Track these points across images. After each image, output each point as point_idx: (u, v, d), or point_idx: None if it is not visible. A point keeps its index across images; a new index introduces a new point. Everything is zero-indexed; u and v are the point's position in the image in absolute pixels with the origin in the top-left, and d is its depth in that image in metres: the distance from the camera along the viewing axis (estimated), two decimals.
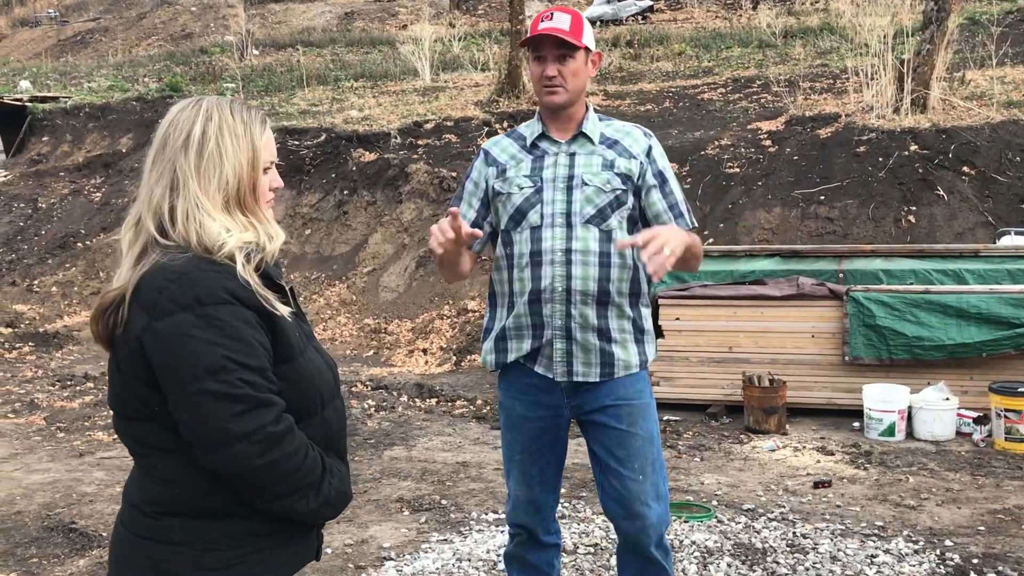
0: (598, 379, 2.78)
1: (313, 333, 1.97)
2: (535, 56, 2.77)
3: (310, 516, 1.83)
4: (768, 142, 10.33)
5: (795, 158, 9.83)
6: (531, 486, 2.92)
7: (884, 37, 10.63)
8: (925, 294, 6.22)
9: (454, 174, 11.18)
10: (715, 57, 15.84)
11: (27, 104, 17.17)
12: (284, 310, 1.78)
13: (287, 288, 1.87)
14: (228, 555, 1.78)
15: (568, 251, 2.74)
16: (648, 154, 2.84)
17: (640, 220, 2.85)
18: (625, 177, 2.79)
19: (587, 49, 2.78)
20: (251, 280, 1.75)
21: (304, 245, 11.45)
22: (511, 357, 2.85)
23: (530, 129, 2.88)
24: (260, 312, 1.75)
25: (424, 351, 9.18)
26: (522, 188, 2.79)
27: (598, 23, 19.97)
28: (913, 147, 9.41)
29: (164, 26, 26.82)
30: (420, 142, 12.29)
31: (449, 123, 12.66)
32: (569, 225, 2.74)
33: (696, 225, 2.88)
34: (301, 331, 1.86)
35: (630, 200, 2.80)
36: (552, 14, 2.76)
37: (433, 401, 7.39)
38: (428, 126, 12.68)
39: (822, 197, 9.22)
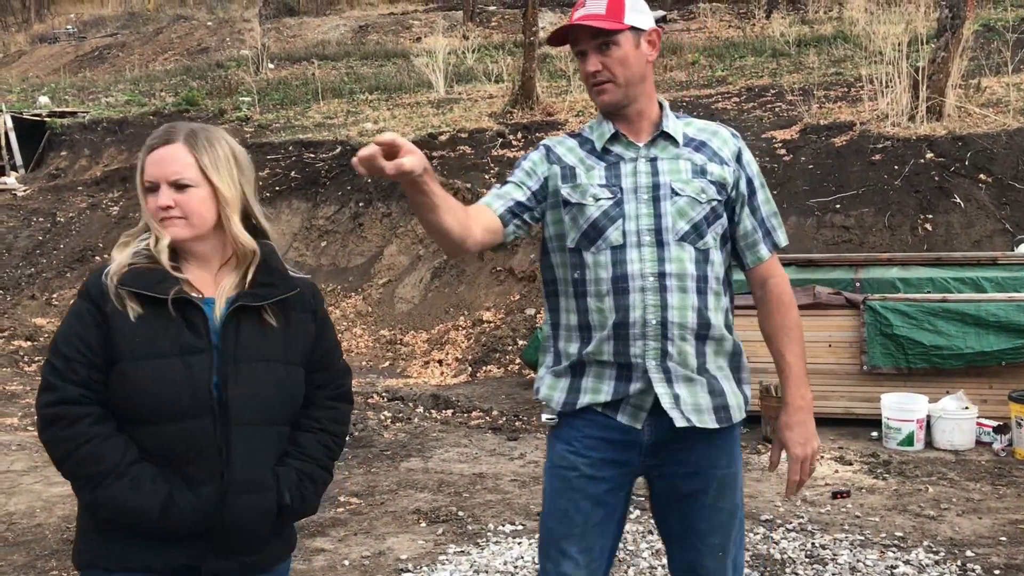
0: (716, 425, 2.31)
1: (200, 348, 1.91)
2: (577, 52, 2.32)
3: (94, 510, 1.91)
4: (783, 151, 10.31)
5: (810, 167, 9.81)
6: (593, 570, 2.36)
7: (898, 45, 10.61)
8: (943, 302, 6.18)
9: (468, 185, 11.21)
10: (729, 66, 15.83)
11: (46, 119, 17.35)
12: (132, 313, 1.89)
13: (167, 298, 1.91)
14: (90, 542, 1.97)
15: (662, 275, 2.26)
16: (739, 158, 2.38)
17: (729, 237, 2.40)
18: (720, 186, 2.32)
19: (635, 29, 2.27)
20: (110, 281, 1.91)
21: (320, 257, 11.50)
22: (584, 400, 2.32)
23: (598, 131, 2.37)
24: (100, 309, 1.91)
25: (440, 362, 9.20)
26: (598, 199, 2.28)
27: None
28: (929, 155, 9.37)
29: (180, 41, 27.05)
30: (434, 154, 12.33)
31: (463, 135, 12.71)
32: (660, 244, 2.26)
33: (787, 242, 2.48)
34: (158, 340, 1.89)
35: (724, 213, 2.34)
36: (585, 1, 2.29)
37: (449, 412, 7.40)
38: (442, 138, 12.72)
39: (838, 206, 9.19)
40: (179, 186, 1.96)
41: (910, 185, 9.14)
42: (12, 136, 16.91)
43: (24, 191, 15.57)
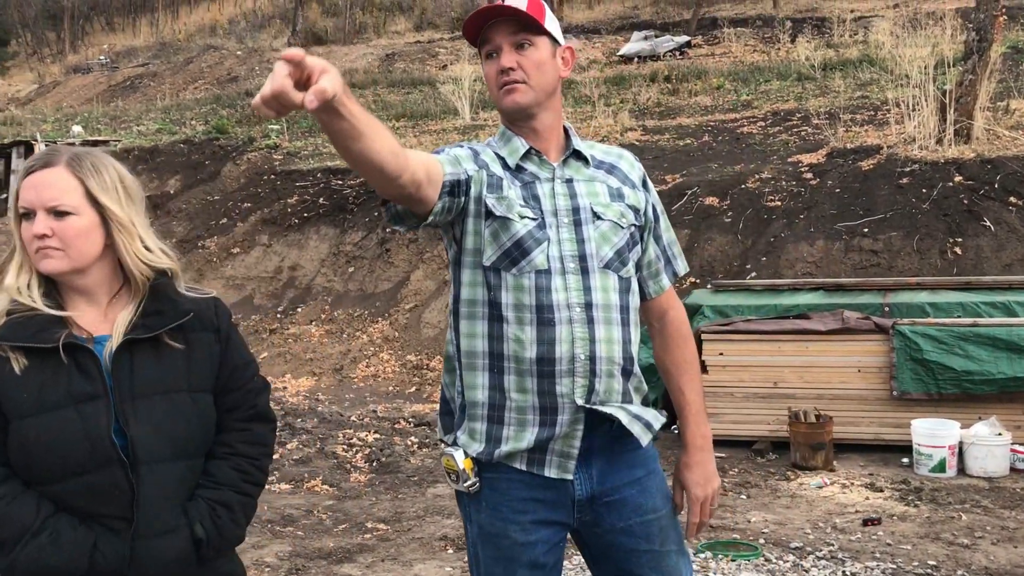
0: (649, 436, 2.16)
1: (94, 394, 1.77)
2: (487, 53, 2.11)
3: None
4: (809, 175, 10.27)
5: (837, 190, 9.76)
6: None
7: (925, 68, 10.56)
8: (973, 327, 6.12)
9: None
10: (754, 91, 15.83)
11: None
12: (17, 367, 1.75)
13: (51, 347, 1.76)
14: None
15: (588, 306, 2.06)
16: (644, 184, 2.26)
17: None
18: (635, 211, 2.18)
19: (553, 38, 2.12)
20: None
21: (347, 283, 11.58)
22: (504, 449, 2.08)
23: (509, 146, 2.15)
24: None
25: None
26: (523, 218, 2.06)
27: (636, 59, 20.09)
28: (958, 178, 9.31)
29: (210, 70, 27.47)
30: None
31: None
32: (585, 271, 2.07)
33: (687, 270, 2.38)
34: (46, 392, 1.75)
35: (639, 240, 2.20)
36: None
37: None
38: None
39: (865, 230, 9.13)
40: (58, 213, 1.78)
41: (939, 208, 9.07)
42: None
43: None
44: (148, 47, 34.68)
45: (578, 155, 2.18)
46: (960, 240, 8.75)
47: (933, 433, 5.93)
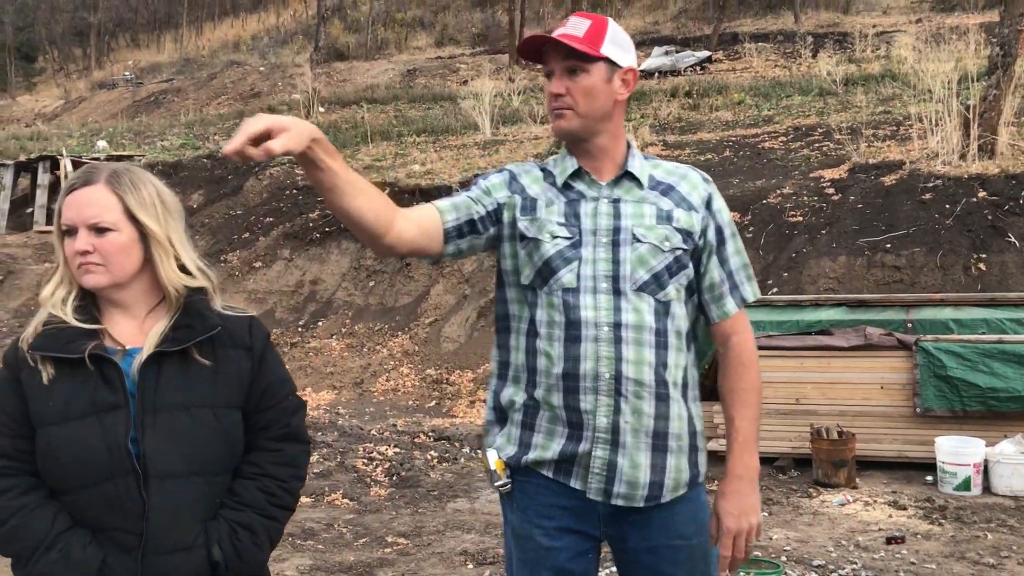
0: (642, 504, 2.11)
1: (116, 404, 1.81)
2: (545, 72, 2.17)
3: None
4: (831, 190, 10.23)
5: (859, 206, 9.72)
6: None
7: (948, 83, 10.51)
8: (998, 343, 6.06)
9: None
10: (775, 106, 15.81)
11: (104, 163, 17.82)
12: (45, 376, 1.80)
13: (79, 357, 1.80)
14: None
15: (617, 325, 2.08)
16: (709, 204, 2.21)
17: (695, 289, 2.23)
18: (686, 234, 2.15)
19: (610, 62, 2.12)
20: (23, 346, 1.83)
21: (368, 296, 11.62)
22: (532, 455, 2.13)
23: (561, 164, 2.22)
24: (16, 376, 1.82)
25: (485, 402, 9.19)
26: (555, 237, 2.12)
27: (656, 74, 20.12)
28: (981, 193, 9.24)
29: (234, 86, 27.73)
30: None
31: None
32: (617, 292, 2.09)
33: (757, 296, 2.30)
34: (72, 402, 1.79)
35: (689, 264, 2.17)
36: (570, 19, 2.17)
37: None
38: None
39: (888, 245, 9.08)
40: (98, 230, 1.83)
41: (962, 224, 9.01)
42: None
43: None
44: (172, 63, 35.08)
45: (632, 176, 2.18)
46: (984, 256, 8.69)
47: (958, 451, 5.87)
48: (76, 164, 17.67)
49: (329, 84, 24.99)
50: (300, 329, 11.27)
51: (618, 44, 2.14)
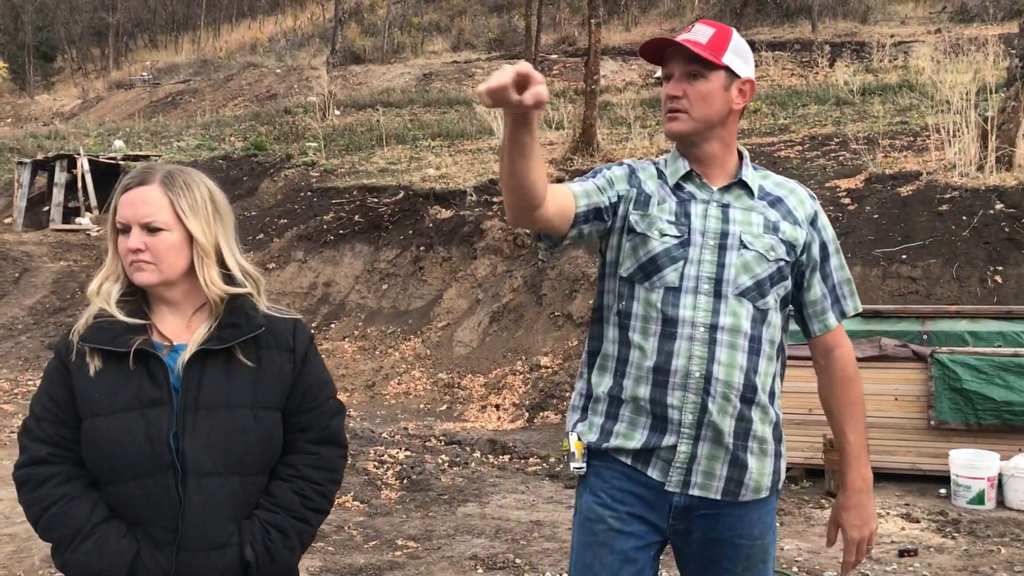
0: (718, 496, 2.16)
1: (160, 400, 1.83)
2: (664, 75, 2.22)
3: (65, 573, 1.85)
4: (847, 200, 10.20)
5: (875, 216, 9.68)
6: None
7: (966, 94, 10.47)
8: (1015, 357, 6.02)
9: (527, 232, 11.28)
10: (791, 115, 15.76)
11: (120, 162, 17.95)
12: (92, 368, 1.84)
13: (126, 351, 1.84)
14: None
15: (713, 327, 2.12)
16: (814, 221, 2.25)
17: (792, 301, 2.29)
18: (790, 246, 2.20)
19: (730, 72, 2.17)
20: (74, 337, 1.88)
21: (381, 300, 11.64)
22: (613, 443, 2.19)
23: (673, 166, 2.26)
24: (66, 366, 1.87)
25: (497, 407, 9.20)
26: (663, 235, 2.17)
27: None
28: (999, 205, 9.19)
29: (250, 87, 27.85)
30: (495, 199, 12.45)
31: None
32: (718, 295, 2.13)
33: (859, 309, 2.34)
34: (118, 394, 1.82)
35: (789, 276, 2.21)
36: (695, 26, 2.21)
37: (506, 458, 7.38)
38: None
39: (904, 256, 9.04)
40: (151, 229, 1.87)
41: (979, 236, 8.96)
42: (88, 178, 17.54)
43: (97, 231, 16.08)
44: (189, 64, 35.29)
45: (744, 185, 2.23)
46: (1001, 268, 8.63)
47: (972, 464, 5.83)
48: (92, 163, 17.78)
49: (345, 87, 25.07)
50: (313, 331, 11.29)
51: (739, 55, 2.19)
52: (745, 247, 2.16)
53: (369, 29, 33.75)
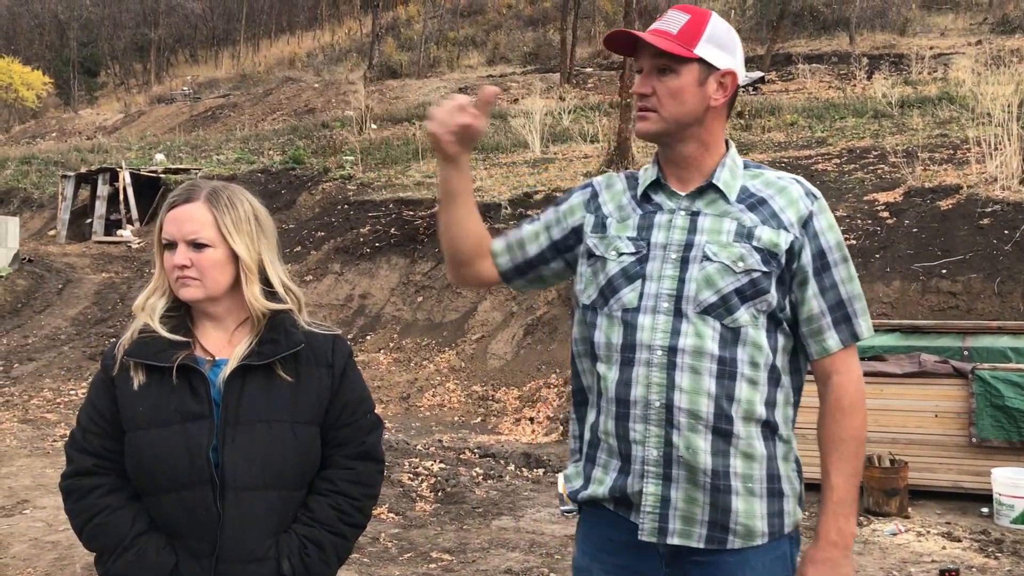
0: (701, 544, 1.87)
1: (201, 414, 1.86)
2: (636, 68, 1.99)
3: None
4: (886, 214, 10.09)
5: (914, 230, 9.57)
6: None
7: (1008, 106, 10.33)
8: None
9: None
10: (828, 127, 15.65)
11: (161, 176, 18.24)
12: (136, 382, 1.88)
13: (169, 366, 1.87)
14: None
15: (672, 349, 1.86)
16: (806, 224, 1.92)
17: (789, 322, 1.95)
18: (769, 255, 1.89)
19: (704, 64, 1.91)
20: (119, 351, 1.92)
21: (416, 312, 11.70)
22: (590, 490, 1.97)
23: (644, 175, 2.04)
24: (111, 379, 1.91)
25: (531, 420, 9.20)
26: (620, 254, 1.95)
27: None
28: None
29: (288, 102, 28.20)
30: (530, 212, 12.49)
31: (558, 193, 12.81)
32: (678, 313, 1.88)
33: (870, 333, 2.00)
34: (161, 408, 1.85)
35: (772, 289, 1.89)
36: (668, 12, 1.97)
37: (540, 471, 7.37)
38: (538, 197, 12.88)
39: (944, 271, 8.92)
40: (196, 245, 1.90)
41: (1021, 250, 8.82)
42: (130, 191, 17.84)
43: (139, 243, 16.34)
44: (229, 79, 35.82)
45: (716, 188, 1.96)
46: None
47: (1015, 482, 5.73)
48: (134, 176, 18.08)
49: (382, 101, 25.29)
50: (348, 343, 11.38)
51: (717, 43, 1.92)
52: (708, 259, 1.89)
53: (405, 44, 34.04)
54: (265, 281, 1.96)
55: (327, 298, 12.28)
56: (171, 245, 1.92)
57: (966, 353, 6.39)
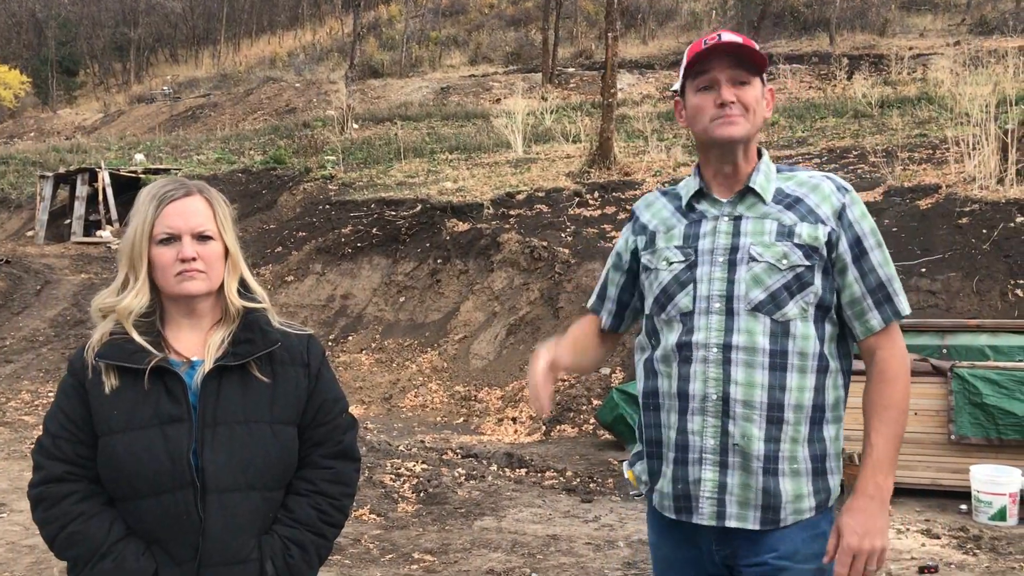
0: (757, 526, 2.05)
1: (179, 416, 1.83)
2: (702, 86, 2.12)
3: None
4: None
5: (894, 229, 9.63)
6: None
7: (986, 106, 10.42)
8: None
9: (544, 243, 11.29)
10: (809, 127, 15.73)
11: (141, 175, 18.10)
12: (108, 385, 1.83)
13: (143, 368, 1.83)
14: None
15: (727, 347, 2.04)
16: (840, 216, 2.10)
17: (836, 308, 2.12)
18: (810, 249, 2.06)
19: (762, 80, 2.14)
20: (88, 354, 1.86)
21: (398, 312, 11.67)
22: (655, 498, 2.19)
23: (687, 187, 2.22)
24: (82, 383, 1.85)
25: (513, 420, 9.19)
26: (671, 263, 2.14)
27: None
28: (1020, 218, 9.12)
29: (269, 101, 28.07)
30: (512, 212, 12.48)
31: (540, 194, 12.84)
32: (730, 312, 2.05)
33: (907, 312, 2.16)
34: (136, 411, 1.82)
35: (818, 280, 2.06)
36: (720, 35, 2.11)
37: (523, 471, 7.36)
38: (520, 197, 12.88)
39: (923, 270, 8.98)
40: (202, 237, 1.89)
41: (999, 249, 8.90)
42: (109, 192, 17.71)
43: (118, 244, 16.21)
44: (209, 78, 35.61)
45: (754, 192, 2.13)
46: (1022, 282, 8.56)
47: (993, 480, 5.77)
48: (113, 176, 17.94)
49: (363, 101, 25.22)
50: (330, 343, 11.34)
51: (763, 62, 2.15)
52: (754, 260, 2.06)
53: (387, 43, 33.97)
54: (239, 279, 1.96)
55: (309, 299, 12.23)
56: (169, 240, 1.88)
57: (945, 351, 6.44)
